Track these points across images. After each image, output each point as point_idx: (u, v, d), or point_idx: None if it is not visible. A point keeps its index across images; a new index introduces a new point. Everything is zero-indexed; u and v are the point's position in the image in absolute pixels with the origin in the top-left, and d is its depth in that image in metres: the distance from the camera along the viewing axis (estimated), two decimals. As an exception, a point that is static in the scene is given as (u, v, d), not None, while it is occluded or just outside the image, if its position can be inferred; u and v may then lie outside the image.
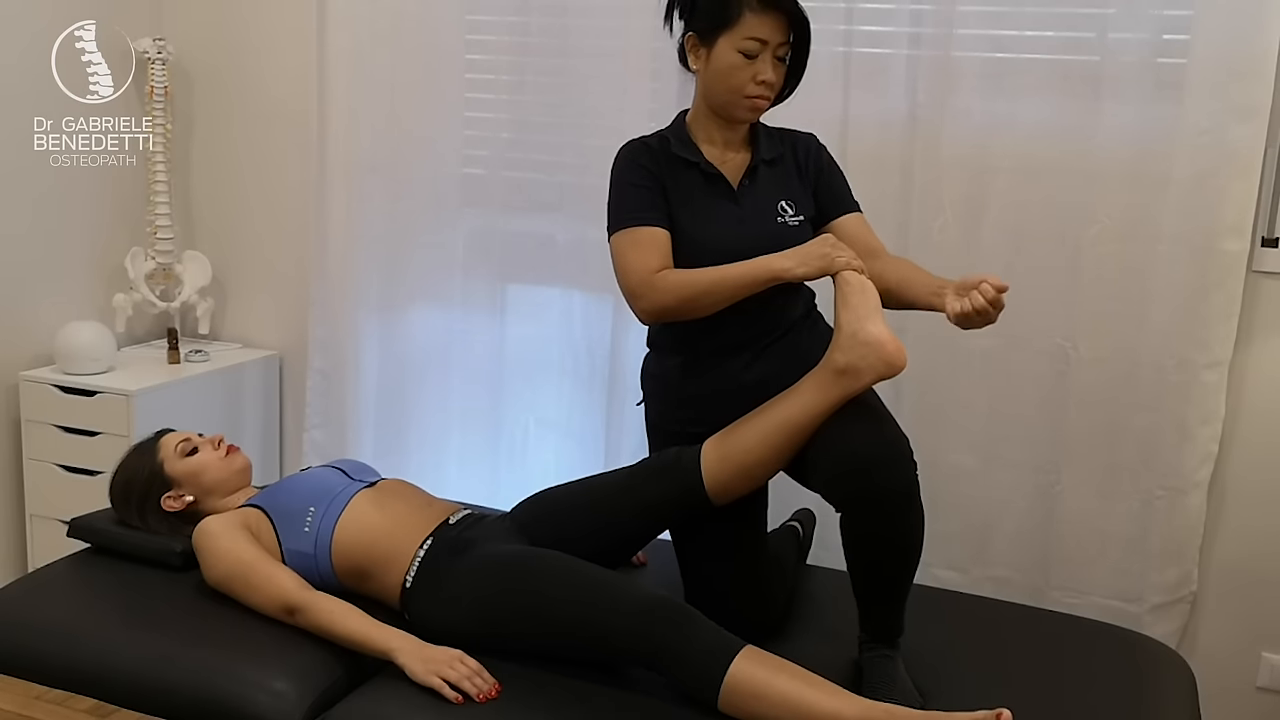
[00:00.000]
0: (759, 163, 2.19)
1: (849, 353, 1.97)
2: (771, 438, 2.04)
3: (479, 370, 3.23)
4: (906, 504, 1.92)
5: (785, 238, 2.12)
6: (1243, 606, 2.68)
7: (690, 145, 2.18)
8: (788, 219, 2.17)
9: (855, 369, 1.96)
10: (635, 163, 2.17)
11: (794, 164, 2.23)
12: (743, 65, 2.07)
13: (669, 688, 1.90)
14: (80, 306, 3.33)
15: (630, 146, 2.21)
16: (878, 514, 1.91)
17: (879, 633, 2.02)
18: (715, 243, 2.12)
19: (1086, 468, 2.69)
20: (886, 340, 1.95)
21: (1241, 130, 2.44)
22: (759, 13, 2.05)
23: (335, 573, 2.15)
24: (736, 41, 2.06)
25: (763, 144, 2.21)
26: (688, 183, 2.16)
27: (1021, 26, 2.61)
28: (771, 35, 2.06)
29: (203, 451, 2.32)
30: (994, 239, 2.67)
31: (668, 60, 2.83)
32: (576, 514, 2.17)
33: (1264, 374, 2.60)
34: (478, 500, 2.53)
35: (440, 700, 1.88)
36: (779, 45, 2.08)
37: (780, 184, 2.20)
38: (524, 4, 3.03)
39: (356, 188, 3.18)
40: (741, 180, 2.18)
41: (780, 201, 2.18)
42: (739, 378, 2.17)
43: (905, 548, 1.96)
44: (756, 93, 2.09)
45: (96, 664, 2.01)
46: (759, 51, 2.06)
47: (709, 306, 2.07)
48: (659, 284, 2.07)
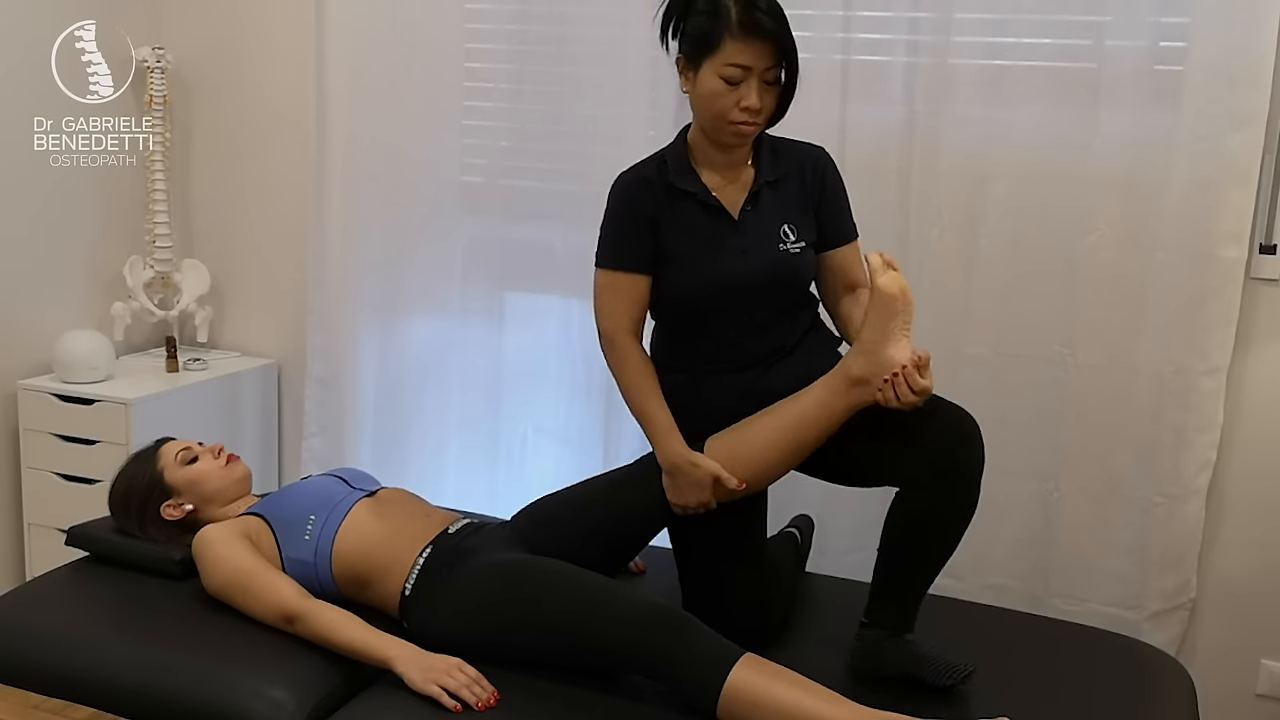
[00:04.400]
0: (762, 186, 2.13)
1: (866, 367, 1.97)
2: (779, 441, 2.05)
3: (477, 378, 3.23)
4: (979, 482, 2.00)
5: (788, 265, 2.12)
6: (1242, 613, 2.68)
7: (689, 172, 2.12)
8: (789, 245, 2.12)
9: (869, 382, 1.97)
10: (629, 198, 2.13)
11: (799, 183, 2.17)
12: (725, 91, 2.00)
13: (667, 696, 1.90)
14: (78, 315, 3.33)
15: (625, 180, 2.16)
16: (957, 487, 1.98)
17: (900, 622, 2.05)
18: (716, 276, 2.10)
19: (1085, 475, 2.69)
20: (906, 363, 1.94)
21: (1239, 137, 2.45)
22: (740, 39, 1.97)
23: (335, 581, 2.15)
24: (718, 68, 2.00)
25: (766, 163, 2.15)
26: (687, 214, 2.12)
27: (1019, 34, 2.61)
28: (755, 61, 1.99)
29: (203, 460, 2.32)
30: (992, 247, 2.67)
31: (666, 69, 2.83)
32: (574, 515, 2.18)
33: (1262, 381, 2.60)
34: (476, 509, 2.53)
35: (439, 708, 1.88)
36: (766, 70, 2.00)
37: (784, 206, 2.15)
38: (522, 13, 3.04)
39: (355, 197, 3.18)
40: (743, 207, 2.12)
41: (783, 225, 2.13)
42: (742, 393, 2.15)
43: (961, 529, 2.03)
44: (741, 119, 2.02)
45: (94, 673, 2.01)
46: (742, 78, 1.99)
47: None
48: (615, 351, 2.15)
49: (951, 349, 2.70)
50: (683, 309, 2.16)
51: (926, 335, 2.69)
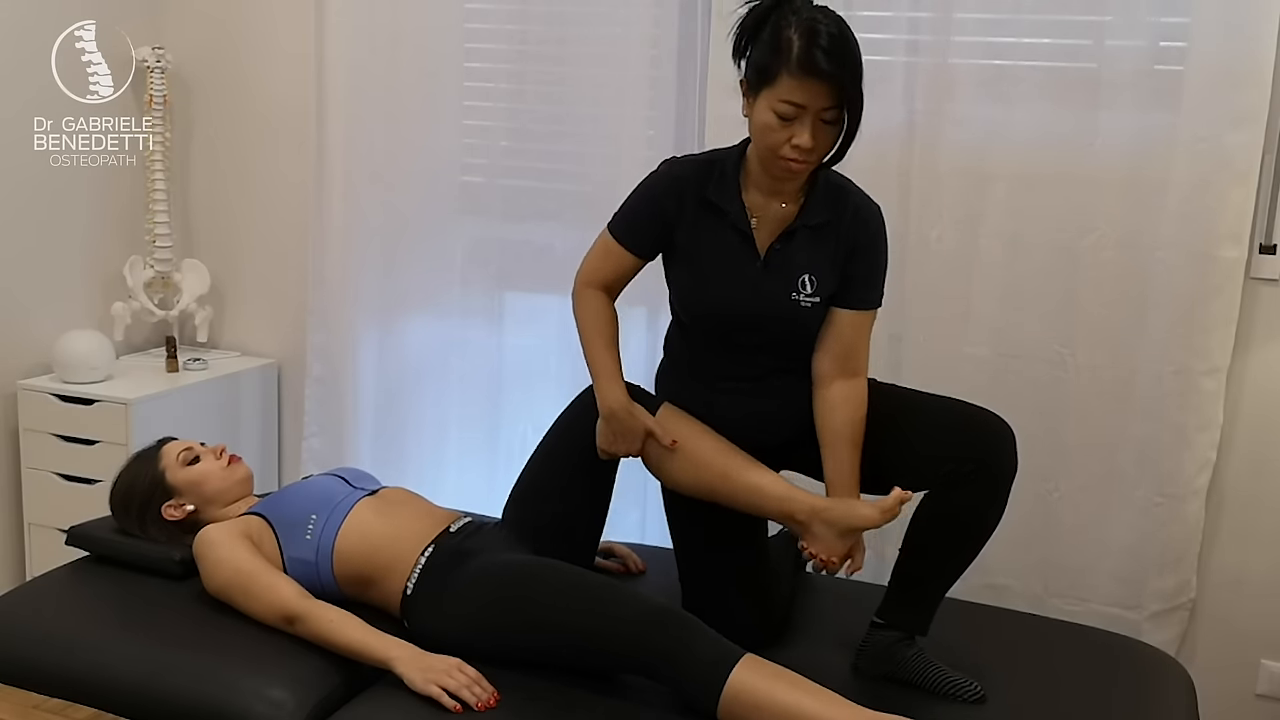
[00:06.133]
0: (800, 226, 2.05)
1: (814, 529, 2.01)
2: (707, 478, 2.08)
3: (477, 378, 3.23)
4: (1010, 486, 2.03)
5: (794, 316, 2.07)
6: (1242, 613, 2.68)
7: (733, 188, 2.05)
8: (802, 297, 2.05)
9: (801, 533, 2.03)
10: (659, 193, 2.10)
11: (837, 234, 2.06)
12: (778, 127, 1.91)
13: (668, 696, 1.90)
14: (78, 315, 3.33)
15: (664, 171, 2.12)
16: (991, 487, 2.01)
17: (916, 624, 2.06)
18: (725, 303, 2.08)
19: (1085, 475, 2.69)
20: (837, 560, 2.02)
21: (1238, 137, 2.45)
22: (797, 77, 1.88)
23: (336, 580, 2.15)
24: (773, 102, 1.91)
25: (814, 204, 2.05)
26: (713, 229, 2.06)
27: (1019, 34, 2.61)
28: (810, 101, 1.89)
29: (204, 461, 2.32)
30: (991, 247, 2.67)
31: (666, 69, 2.85)
32: (541, 474, 2.27)
33: (1262, 380, 2.60)
34: (475, 508, 2.53)
35: (439, 709, 1.88)
36: (823, 110, 1.90)
37: (814, 253, 2.06)
38: (522, 13, 3.04)
39: (355, 196, 3.18)
40: (772, 244, 2.05)
41: (805, 275, 2.05)
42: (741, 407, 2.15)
43: (990, 529, 2.05)
44: (792, 155, 1.93)
45: (94, 673, 2.01)
46: (796, 115, 1.90)
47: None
48: (579, 298, 2.18)
49: (952, 349, 2.70)
50: (688, 317, 2.16)
51: (927, 335, 2.71)
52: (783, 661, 1.88)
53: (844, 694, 1.83)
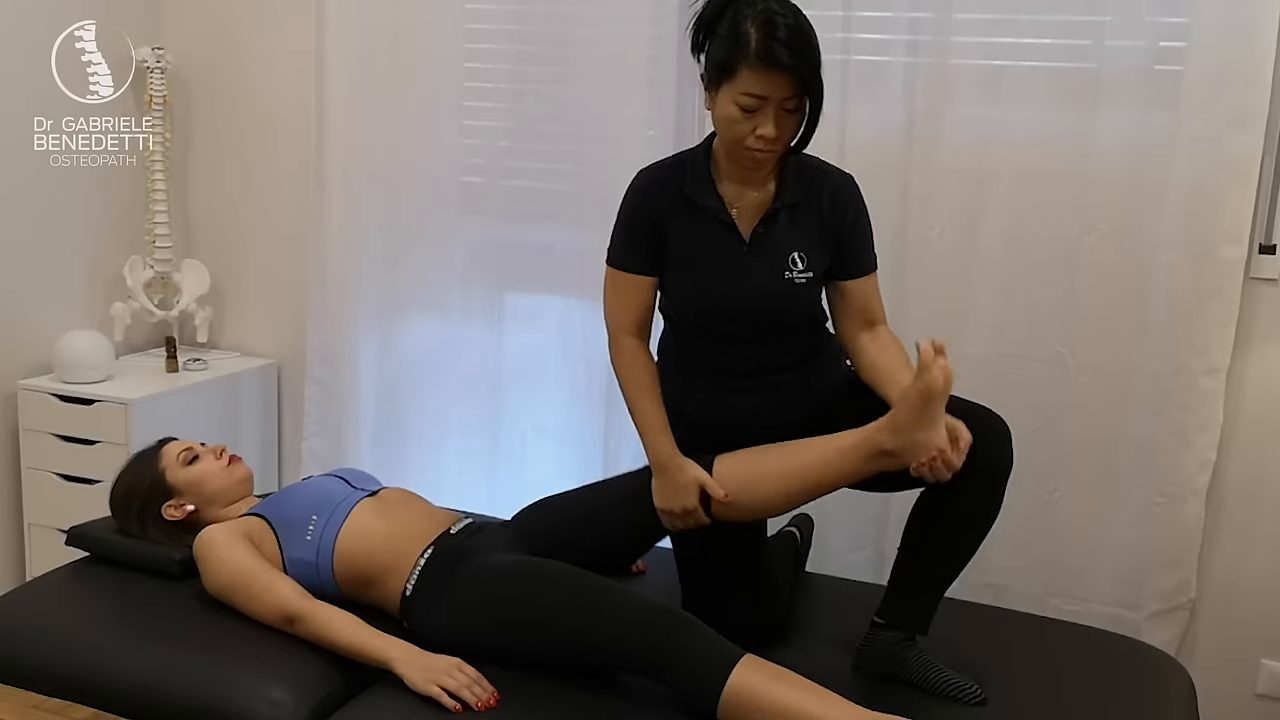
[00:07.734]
0: (779, 208, 2.08)
1: (899, 444, 1.93)
2: (791, 485, 2.05)
3: (477, 379, 3.23)
4: (1007, 481, 2.03)
5: (790, 295, 2.09)
6: (1241, 613, 2.68)
7: (707, 183, 2.08)
8: (795, 275, 2.08)
9: (899, 458, 1.94)
10: (641, 200, 2.11)
11: (817, 210, 2.10)
12: (742, 119, 1.94)
13: (668, 697, 1.90)
14: (78, 315, 3.33)
15: (641, 180, 2.13)
16: (988, 481, 2.00)
17: (916, 622, 2.06)
18: (717, 294, 2.09)
19: (1085, 475, 2.69)
20: (945, 448, 1.91)
21: (1238, 137, 2.45)
22: (757, 70, 1.90)
23: (337, 581, 2.15)
24: (735, 95, 1.93)
25: (789, 185, 2.08)
26: (696, 226, 2.08)
27: (1019, 34, 2.61)
28: (772, 92, 1.92)
29: (205, 461, 2.33)
30: (991, 247, 2.67)
31: (666, 69, 2.85)
32: (576, 521, 2.18)
33: (1262, 380, 2.60)
34: (476, 509, 2.53)
35: (439, 709, 1.88)
36: (785, 100, 1.93)
37: (798, 232, 2.09)
38: (522, 13, 3.03)
39: (355, 197, 3.18)
40: (755, 229, 2.08)
41: (793, 253, 2.08)
42: (751, 405, 2.15)
43: (989, 524, 2.05)
44: (757, 145, 1.96)
45: (94, 673, 2.01)
46: (758, 107, 1.93)
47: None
48: (616, 348, 2.15)
49: (952, 349, 2.67)
50: (683, 317, 2.16)
51: (926, 334, 2.69)
52: (783, 661, 1.88)
53: (844, 694, 1.83)
